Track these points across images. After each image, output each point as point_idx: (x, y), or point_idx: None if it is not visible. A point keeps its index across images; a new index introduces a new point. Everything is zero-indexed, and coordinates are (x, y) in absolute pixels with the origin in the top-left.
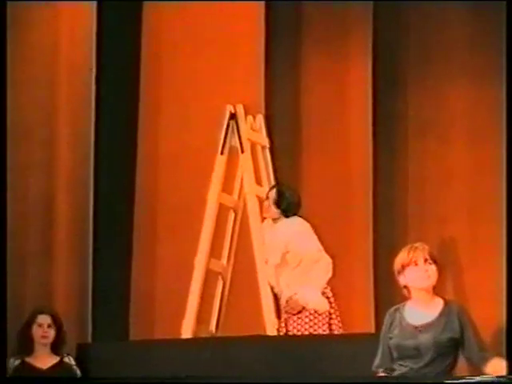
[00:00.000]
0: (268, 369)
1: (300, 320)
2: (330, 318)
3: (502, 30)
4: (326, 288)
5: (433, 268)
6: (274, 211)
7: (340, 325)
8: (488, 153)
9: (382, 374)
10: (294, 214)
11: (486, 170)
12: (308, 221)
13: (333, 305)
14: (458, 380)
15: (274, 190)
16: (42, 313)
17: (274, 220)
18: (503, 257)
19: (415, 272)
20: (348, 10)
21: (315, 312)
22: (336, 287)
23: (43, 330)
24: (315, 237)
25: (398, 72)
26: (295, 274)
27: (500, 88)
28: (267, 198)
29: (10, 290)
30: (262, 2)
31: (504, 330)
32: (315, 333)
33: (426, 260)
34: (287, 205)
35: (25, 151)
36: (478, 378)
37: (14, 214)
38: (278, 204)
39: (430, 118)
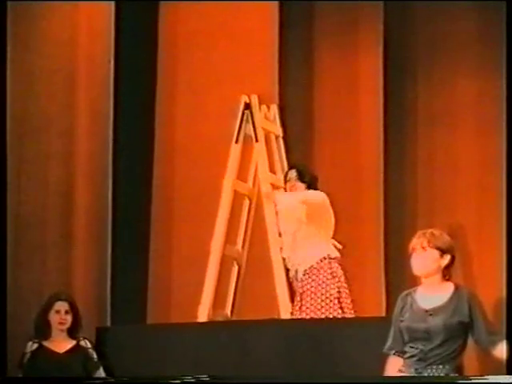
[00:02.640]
0: (282, 351)
1: (313, 301)
2: (340, 296)
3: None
4: (336, 268)
5: (430, 255)
6: (300, 186)
7: (350, 306)
8: (496, 142)
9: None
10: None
11: (493, 158)
12: None
13: (344, 285)
14: (465, 380)
15: (293, 170)
16: (59, 299)
17: None
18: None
19: (413, 259)
20: (359, 3)
21: (327, 298)
22: (348, 272)
23: (61, 316)
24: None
25: (408, 64)
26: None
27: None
28: (288, 180)
29: (30, 277)
30: None
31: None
32: (327, 315)
33: (423, 247)
34: (310, 178)
35: (45, 142)
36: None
37: (34, 203)
38: (302, 179)
39: (438, 108)
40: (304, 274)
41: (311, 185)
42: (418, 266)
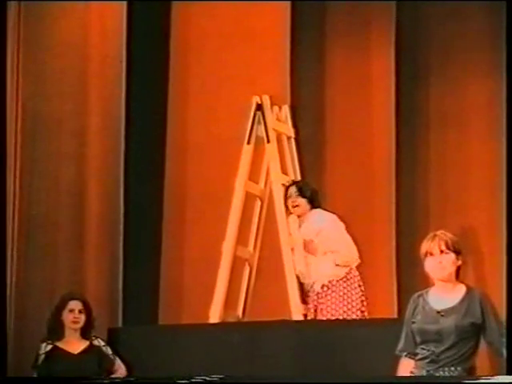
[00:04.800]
0: (293, 353)
1: (334, 305)
2: (362, 306)
3: None
4: (357, 276)
5: (449, 258)
6: (302, 202)
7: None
8: (506, 142)
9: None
10: (319, 205)
11: (505, 159)
12: (332, 210)
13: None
14: (465, 380)
15: (293, 186)
16: (73, 299)
17: (300, 216)
18: None
19: (431, 262)
20: (371, 4)
21: (349, 310)
22: (360, 274)
23: (74, 315)
24: (343, 230)
25: (420, 64)
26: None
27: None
28: (288, 197)
29: (42, 277)
30: None
31: None
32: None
33: (441, 251)
34: (311, 192)
35: (56, 142)
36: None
37: (46, 203)
38: (302, 195)
39: (450, 108)
40: (322, 287)
41: (313, 200)
42: (438, 269)
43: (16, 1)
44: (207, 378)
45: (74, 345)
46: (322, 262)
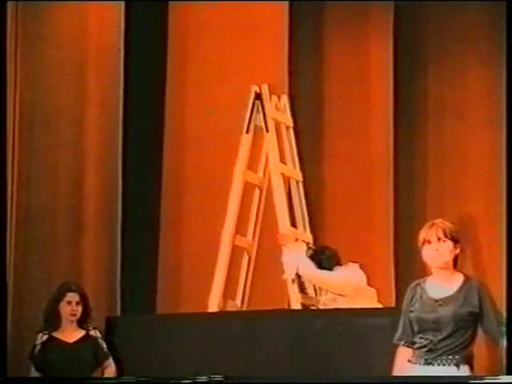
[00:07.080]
0: (291, 342)
1: None
2: None
3: None
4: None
5: (447, 246)
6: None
7: None
8: (506, 132)
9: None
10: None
11: (503, 148)
12: (330, 200)
13: None
14: (465, 380)
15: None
16: (70, 290)
17: None
18: None
19: (428, 250)
20: None
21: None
22: (357, 262)
23: (72, 307)
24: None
25: (419, 54)
26: None
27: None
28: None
29: (40, 267)
30: None
31: None
32: None
33: (439, 238)
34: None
35: (55, 132)
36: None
37: (44, 193)
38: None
39: (449, 98)
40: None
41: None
42: (435, 257)
43: (15, 0)
44: (212, 378)
45: (70, 334)
46: None
